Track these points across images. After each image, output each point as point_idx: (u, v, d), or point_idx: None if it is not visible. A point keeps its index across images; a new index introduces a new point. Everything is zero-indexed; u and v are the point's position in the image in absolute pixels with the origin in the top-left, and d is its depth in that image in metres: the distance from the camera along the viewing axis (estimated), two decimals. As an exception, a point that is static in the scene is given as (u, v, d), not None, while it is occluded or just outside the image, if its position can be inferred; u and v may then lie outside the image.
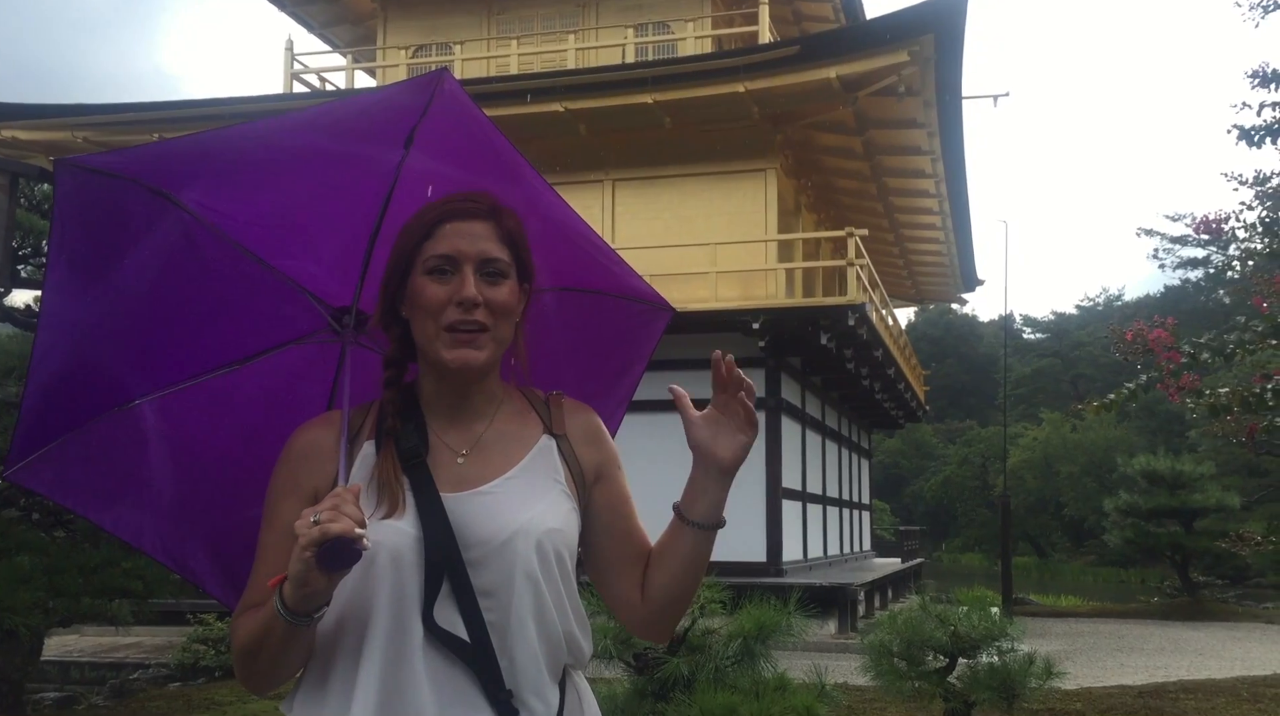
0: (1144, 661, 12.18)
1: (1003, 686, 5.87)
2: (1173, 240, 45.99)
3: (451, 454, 1.47)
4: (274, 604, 1.29)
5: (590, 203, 15.90)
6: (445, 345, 1.43)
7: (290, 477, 1.45)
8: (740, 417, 1.52)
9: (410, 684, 1.35)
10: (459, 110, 1.49)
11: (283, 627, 1.30)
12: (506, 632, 1.40)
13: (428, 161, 1.51)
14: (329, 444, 1.45)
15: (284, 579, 1.28)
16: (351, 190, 1.53)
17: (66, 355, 1.51)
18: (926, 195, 18.35)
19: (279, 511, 1.43)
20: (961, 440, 54.55)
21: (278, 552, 1.37)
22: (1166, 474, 19.32)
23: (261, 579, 1.40)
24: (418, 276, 1.45)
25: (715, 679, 4.37)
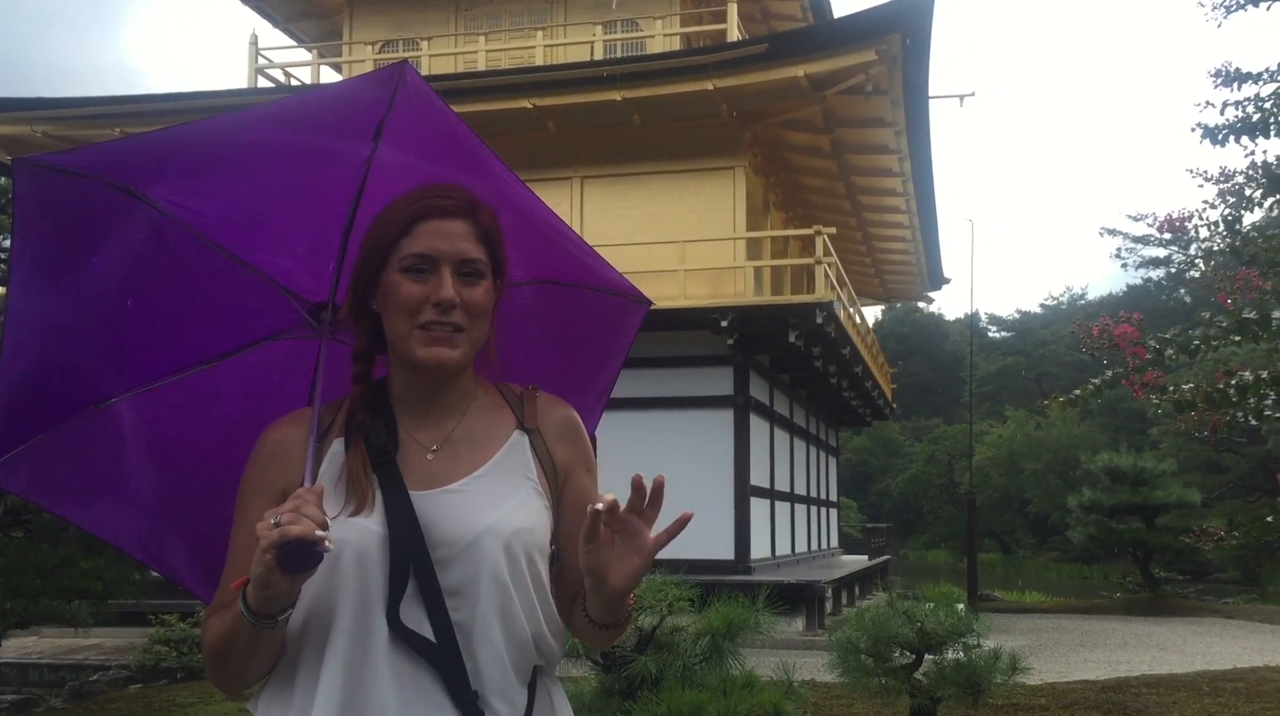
0: (1106, 656, 12.30)
1: (968, 682, 5.90)
2: (1135, 240, 46.50)
3: (422, 451, 1.44)
4: (240, 605, 1.28)
5: (559, 200, 15.84)
6: (419, 343, 1.41)
7: (259, 477, 1.43)
8: (642, 546, 1.35)
9: (373, 683, 1.33)
10: (423, 103, 1.47)
11: (248, 629, 1.29)
12: (472, 633, 1.38)
13: (398, 154, 1.48)
14: (298, 442, 1.43)
15: (247, 581, 1.27)
16: (322, 184, 1.51)
17: (37, 355, 1.49)
18: (894, 194, 18.44)
19: (248, 511, 1.41)
20: (928, 437, 54.96)
21: (247, 553, 1.32)
22: (1129, 470, 19.54)
23: (231, 579, 1.38)
24: (392, 273, 1.42)
25: (683, 677, 4.35)
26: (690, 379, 15.02)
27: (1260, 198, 4.90)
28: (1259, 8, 5.01)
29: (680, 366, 15.05)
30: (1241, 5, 5.06)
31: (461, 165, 1.50)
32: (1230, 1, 5.11)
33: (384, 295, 1.43)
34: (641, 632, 4.67)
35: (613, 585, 1.36)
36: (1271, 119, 4.67)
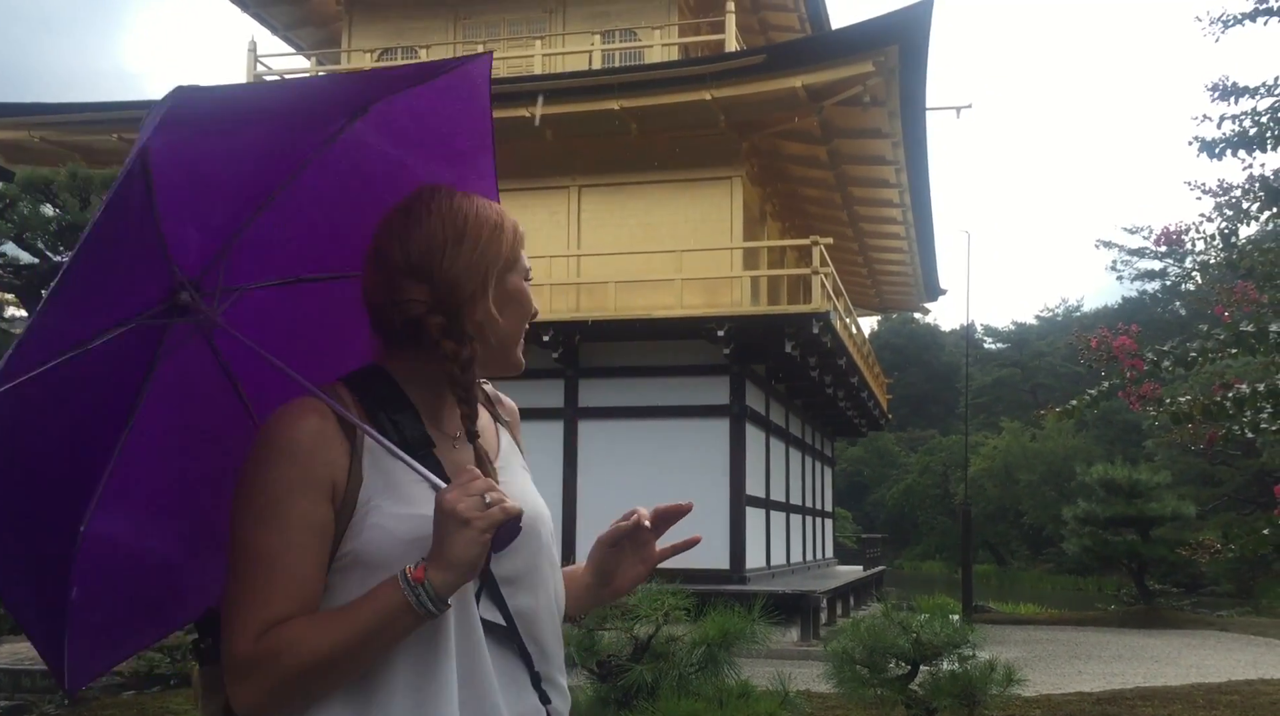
0: (1101, 668, 12.30)
1: (963, 693, 5.90)
2: (1130, 252, 46.60)
3: (447, 440, 1.45)
4: (410, 597, 1.24)
5: (556, 208, 15.88)
6: (522, 349, 1.48)
7: (300, 473, 1.32)
8: (649, 557, 1.57)
9: (483, 675, 1.35)
10: (466, 97, 1.47)
11: (409, 625, 1.26)
12: (535, 618, 1.42)
13: (373, 135, 1.43)
14: (333, 432, 1.35)
15: (423, 569, 1.25)
16: (275, 154, 1.39)
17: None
18: (890, 205, 18.49)
19: (291, 509, 1.31)
20: (923, 448, 54.97)
21: (300, 555, 1.30)
22: (1124, 483, 19.56)
23: (289, 585, 1.29)
24: (519, 276, 1.46)
25: (679, 686, 4.35)
26: (686, 388, 15.02)
27: (1256, 211, 4.93)
28: (1256, 22, 5.05)
29: (676, 375, 15.06)
30: (1238, 20, 5.09)
31: (451, 169, 1.49)
32: (1227, 16, 5.14)
33: (509, 297, 1.45)
34: (638, 642, 4.67)
35: (616, 587, 1.56)
36: (1268, 133, 4.69)
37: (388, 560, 1.30)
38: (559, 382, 15.32)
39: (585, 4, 17.49)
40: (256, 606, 1.29)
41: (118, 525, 1.40)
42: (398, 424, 1.39)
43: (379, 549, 1.31)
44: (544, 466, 15.08)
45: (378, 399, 1.41)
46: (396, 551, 1.30)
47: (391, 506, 1.33)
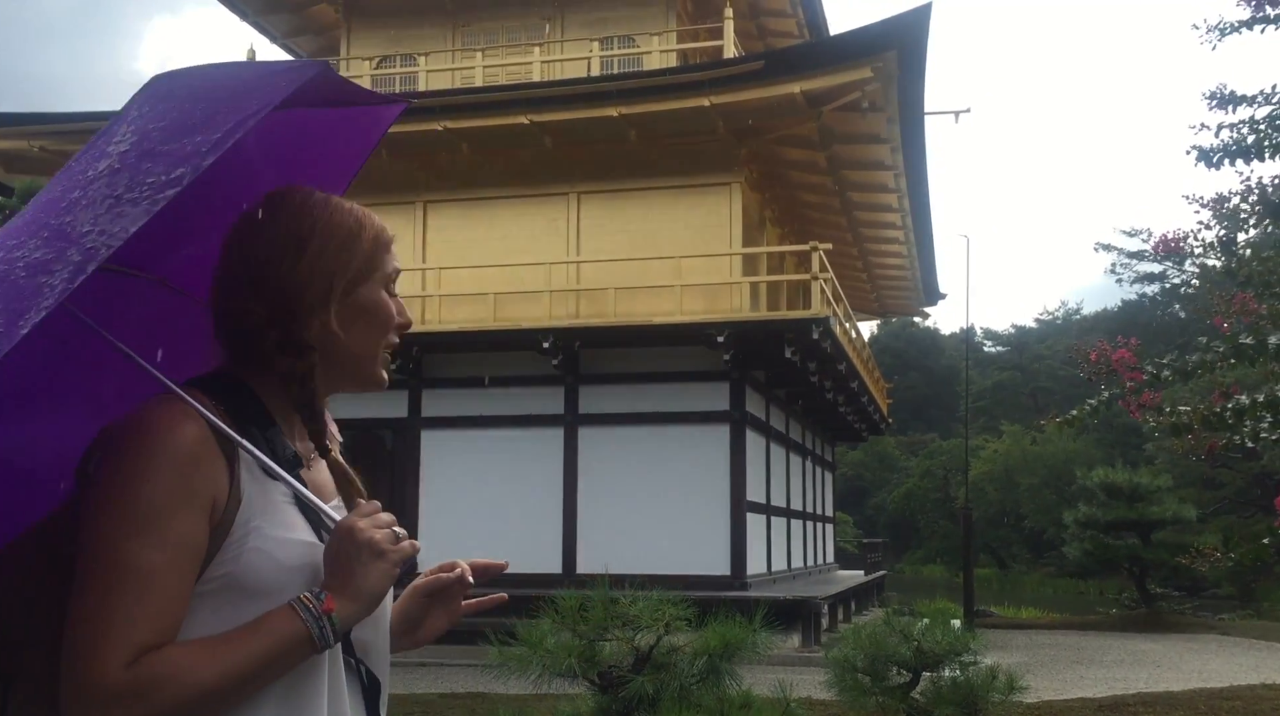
0: (1103, 673, 12.27)
1: (965, 701, 5.89)
2: (1129, 255, 46.63)
3: (304, 463, 1.37)
4: (313, 628, 1.18)
5: (555, 216, 15.88)
6: (382, 364, 1.39)
7: (183, 483, 1.20)
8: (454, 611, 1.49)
9: (344, 703, 1.31)
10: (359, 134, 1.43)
11: (304, 655, 1.21)
12: (373, 649, 1.37)
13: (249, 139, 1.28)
14: (212, 444, 1.23)
15: (331, 600, 1.20)
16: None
17: None
18: (890, 210, 18.50)
19: (173, 524, 1.18)
20: (924, 452, 55.01)
21: (179, 575, 1.18)
22: (1124, 486, 19.56)
23: (167, 608, 1.18)
24: (376, 289, 1.36)
25: (680, 697, 4.34)
26: (686, 394, 15.02)
27: (1255, 223, 4.92)
28: (1253, 30, 5.05)
29: (676, 381, 15.05)
30: (1235, 28, 5.09)
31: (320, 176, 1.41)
32: (1224, 24, 5.14)
33: (360, 310, 1.34)
34: (639, 652, 4.66)
35: (418, 638, 1.49)
36: (1266, 142, 4.70)
37: (268, 587, 1.21)
38: (559, 389, 15.31)
39: (583, 11, 17.51)
40: (127, 629, 1.15)
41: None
42: (270, 441, 1.30)
43: (260, 574, 1.22)
44: (544, 473, 15.08)
45: (246, 413, 1.31)
46: (279, 578, 1.22)
47: (272, 529, 1.24)
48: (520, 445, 15.26)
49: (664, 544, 14.47)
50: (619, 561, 14.53)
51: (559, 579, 14.56)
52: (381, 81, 17.90)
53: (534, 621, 4.82)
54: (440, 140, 15.29)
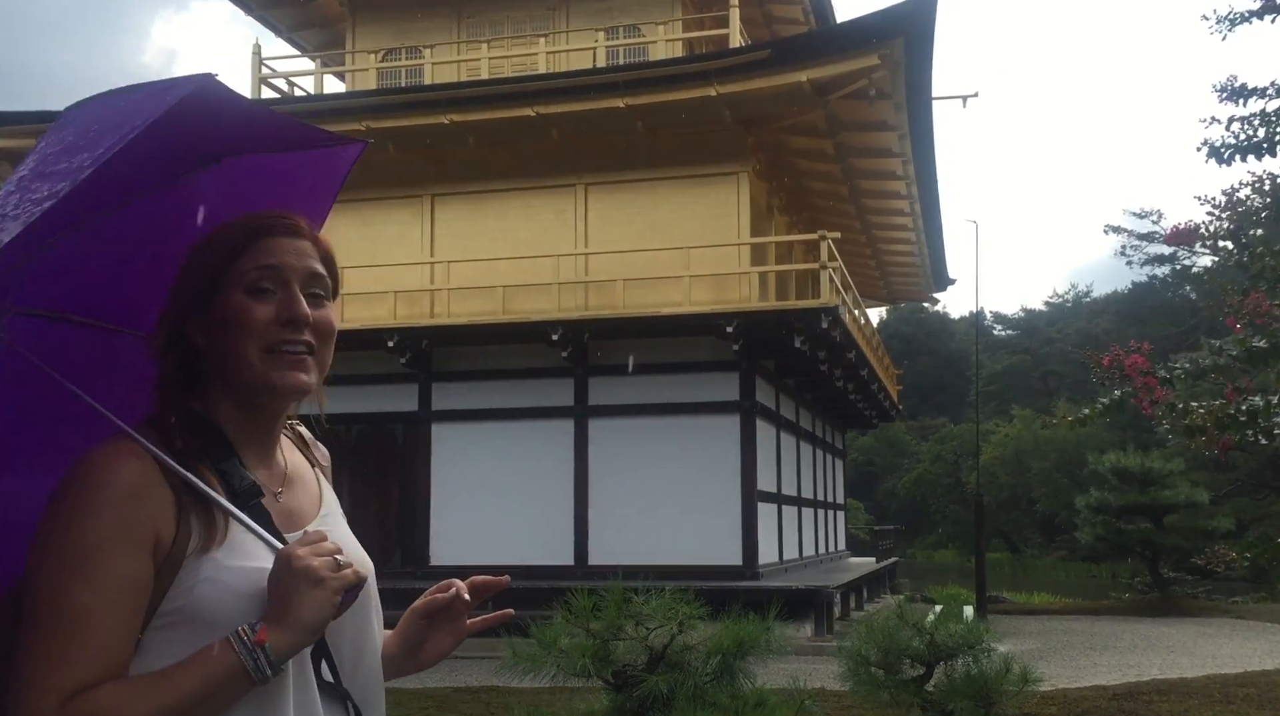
0: (1117, 660, 12.27)
1: (979, 694, 5.89)
2: (1139, 237, 46.37)
3: (269, 491, 1.35)
4: (247, 661, 1.16)
5: (563, 207, 15.88)
6: (272, 367, 1.30)
7: (119, 522, 1.19)
8: (459, 631, 1.48)
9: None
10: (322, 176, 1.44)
11: (243, 689, 1.18)
12: (358, 669, 1.37)
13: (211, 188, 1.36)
14: (157, 480, 1.23)
15: (265, 631, 1.18)
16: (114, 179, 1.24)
17: None
18: (898, 197, 18.45)
19: (107, 563, 1.18)
20: (934, 437, 54.90)
21: (114, 614, 1.18)
22: (1136, 471, 19.52)
23: (100, 647, 1.17)
24: (233, 294, 1.30)
25: (695, 696, 4.35)
26: (696, 384, 15.03)
27: (1265, 218, 4.90)
28: (1264, 20, 5.01)
29: (686, 372, 15.06)
30: (1245, 18, 5.05)
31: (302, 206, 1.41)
32: (1234, 14, 5.11)
33: (220, 322, 1.30)
34: (653, 652, 4.67)
35: (421, 660, 1.49)
36: (1277, 136, 4.66)
37: (223, 617, 1.20)
38: (569, 381, 15.33)
39: (589, 1, 17.45)
40: (61, 669, 1.15)
41: None
42: (224, 473, 1.29)
43: (213, 605, 1.21)
44: (554, 465, 15.11)
45: (200, 444, 1.30)
46: (236, 607, 1.21)
47: (227, 559, 1.23)
48: (531, 437, 15.29)
49: (675, 534, 14.50)
50: (631, 552, 14.57)
51: (571, 570, 14.61)
52: (387, 74, 17.89)
53: (547, 621, 4.83)
54: (447, 133, 15.28)
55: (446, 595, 1.44)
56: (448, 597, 1.44)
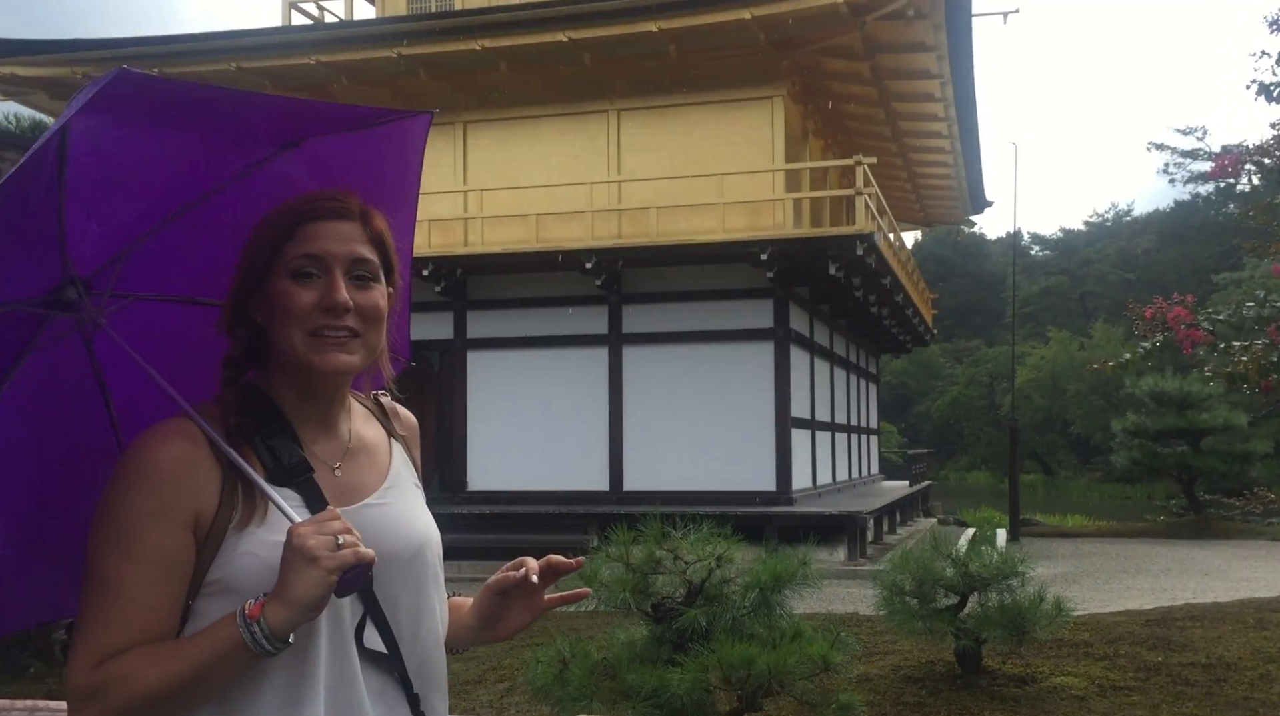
0: (1150, 583, 12.33)
1: (1013, 624, 5.97)
2: (1183, 154, 45.45)
3: (325, 466, 1.40)
4: (244, 635, 1.21)
5: (595, 134, 15.75)
6: (313, 349, 1.35)
7: (154, 500, 1.27)
8: (535, 606, 1.52)
9: (357, 707, 1.33)
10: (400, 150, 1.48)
11: (245, 661, 1.23)
12: (418, 643, 1.41)
13: (300, 170, 1.40)
14: (201, 459, 1.30)
15: (261, 605, 1.22)
16: (196, 169, 1.35)
17: None
18: (935, 119, 18.12)
19: (143, 538, 1.26)
20: (969, 360, 54.67)
21: (148, 585, 1.26)
22: (1174, 394, 19.37)
23: (133, 615, 1.25)
24: (280, 279, 1.35)
25: (732, 629, 4.45)
26: (730, 312, 15.02)
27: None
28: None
29: (720, 299, 15.05)
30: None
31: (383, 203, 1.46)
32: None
33: (270, 304, 1.36)
34: (691, 585, 4.77)
35: (498, 633, 1.53)
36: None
37: (257, 589, 1.25)
38: (603, 309, 15.37)
39: (620, -79, 17.07)
40: (97, 635, 1.25)
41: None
42: (274, 449, 1.35)
43: (249, 578, 1.27)
44: (589, 392, 15.23)
45: (255, 421, 1.36)
46: (269, 581, 1.24)
47: (265, 534, 1.29)
48: (565, 364, 15.40)
49: (709, 460, 14.63)
50: (665, 478, 14.74)
51: (605, 496, 14.82)
52: (419, 1, 17.70)
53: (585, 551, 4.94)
54: (479, 59, 15.14)
55: (518, 574, 1.47)
56: (519, 577, 1.47)
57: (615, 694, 4.37)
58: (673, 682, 4.25)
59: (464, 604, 1.57)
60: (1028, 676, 6.55)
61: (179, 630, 1.29)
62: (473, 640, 1.56)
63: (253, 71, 15.63)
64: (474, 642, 1.56)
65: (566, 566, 1.50)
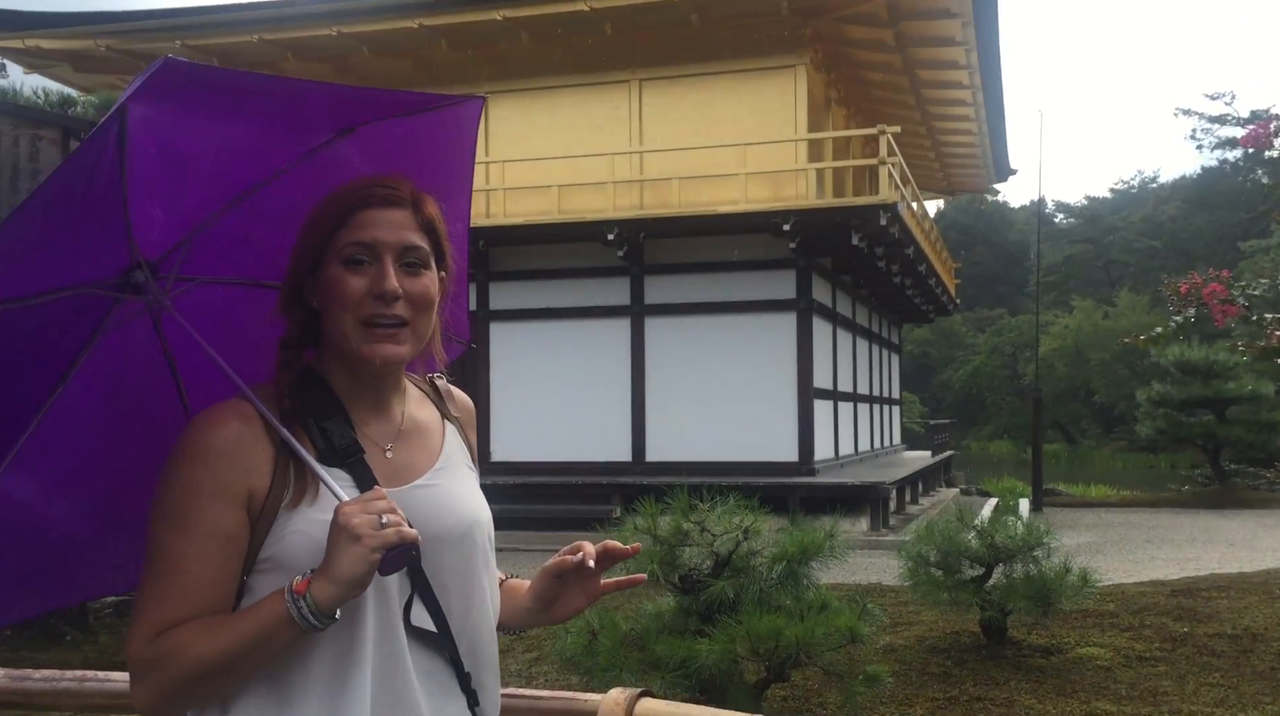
0: (1175, 553, 12.31)
1: (1038, 595, 5.99)
2: (1211, 120, 44.80)
3: (377, 447, 1.43)
4: (292, 609, 1.25)
5: (617, 103, 15.68)
6: (364, 340, 1.37)
7: (211, 479, 1.32)
8: (591, 590, 1.54)
9: (404, 683, 1.36)
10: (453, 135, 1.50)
11: (293, 635, 1.26)
12: (466, 620, 1.43)
13: (355, 157, 1.43)
14: (255, 439, 1.35)
15: (307, 582, 1.25)
16: (258, 153, 1.38)
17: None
18: (960, 87, 17.93)
19: (199, 516, 1.31)
20: (991, 329, 54.37)
21: (204, 560, 1.30)
22: (1200, 363, 19.21)
23: (189, 589, 1.30)
24: (333, 266, 1.37)
25: (760, 601, 4.49)
26: (753, 283, 14.99)
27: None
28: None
29: (742, 270, 15.01)
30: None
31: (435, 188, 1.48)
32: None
33: (324, 290, 1.38)
34: (718, 557, 4.80)
35: (555, 615, 1.55)
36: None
37: (307, 565, 1.28)
38: (624, 279, 15.36)
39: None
40: (155, 608, 1.30)
41: (28, 487, 1.39)
42: (326, 431, 1.38)
43: (299, 555, 1.30)
44: (611, 363, 15.26)
45: (309, 403, 1.40)
46: (317, 557, 1.27)
47: (315, 512, 1.32)
48: (588, 335, 15.42)
49: (732, 431, 14.65)
50: (687, 449, 14.78)
51: (629, 466, 14.87)
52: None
53: (610, 523, 4.99)
54: (500, 29, 15.08)
55: (575, 558, 1.49)
56: (575, 562, 1.49)
57: (644, 664, 4.41)
58: (701, 653, 4.29)
59: (521, 586, 1.59)
60: (1053, 647, 6.57)
61: (235, 604, 1.33)
62: (529, 622, 1.58)
63: (274, 43, 15.62)
64: (530, 624, 1.58)
65: (623, 552, 1.52)
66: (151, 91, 1.16)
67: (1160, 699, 5.59)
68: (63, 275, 1.30)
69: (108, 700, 2.55)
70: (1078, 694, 5.67)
